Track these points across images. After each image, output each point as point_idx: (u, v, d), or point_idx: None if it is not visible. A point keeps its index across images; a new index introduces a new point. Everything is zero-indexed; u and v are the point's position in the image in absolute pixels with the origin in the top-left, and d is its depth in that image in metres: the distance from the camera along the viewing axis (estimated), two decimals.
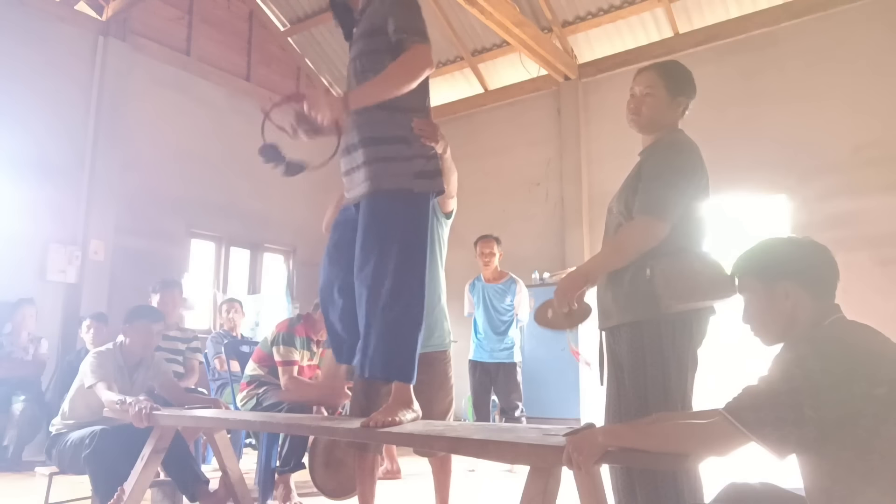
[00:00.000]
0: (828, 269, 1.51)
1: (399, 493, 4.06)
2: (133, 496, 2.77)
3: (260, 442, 3.87)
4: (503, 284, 5.02)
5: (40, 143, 5.96)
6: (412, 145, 2.14)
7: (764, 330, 1.54)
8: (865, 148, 5.74)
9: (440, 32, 7.81)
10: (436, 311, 2.82)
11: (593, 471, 1.57)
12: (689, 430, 1.48)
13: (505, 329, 4.96)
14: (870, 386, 1.28)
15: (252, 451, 5.20)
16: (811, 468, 1.38)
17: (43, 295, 5.71)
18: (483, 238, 5.09)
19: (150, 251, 6.63)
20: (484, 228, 5.49)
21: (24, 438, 4.84)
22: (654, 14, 6.89)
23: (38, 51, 6.04)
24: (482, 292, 5.04)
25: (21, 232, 5.76)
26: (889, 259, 5.55)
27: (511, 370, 4.92)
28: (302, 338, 3.75)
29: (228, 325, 5.47)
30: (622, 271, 2.05)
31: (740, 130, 6.27)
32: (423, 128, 2.16)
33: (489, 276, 5.06)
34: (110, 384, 3.05)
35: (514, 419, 4.83)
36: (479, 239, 5.12)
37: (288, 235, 8.09)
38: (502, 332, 4.95)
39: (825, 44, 6.02)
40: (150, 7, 6.94)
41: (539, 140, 7.74)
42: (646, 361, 1.96)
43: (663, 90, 2.14)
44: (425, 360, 2.72)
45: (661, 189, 1.99)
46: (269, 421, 2.79)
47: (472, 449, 1.82)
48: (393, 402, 2.15)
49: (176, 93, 7.14)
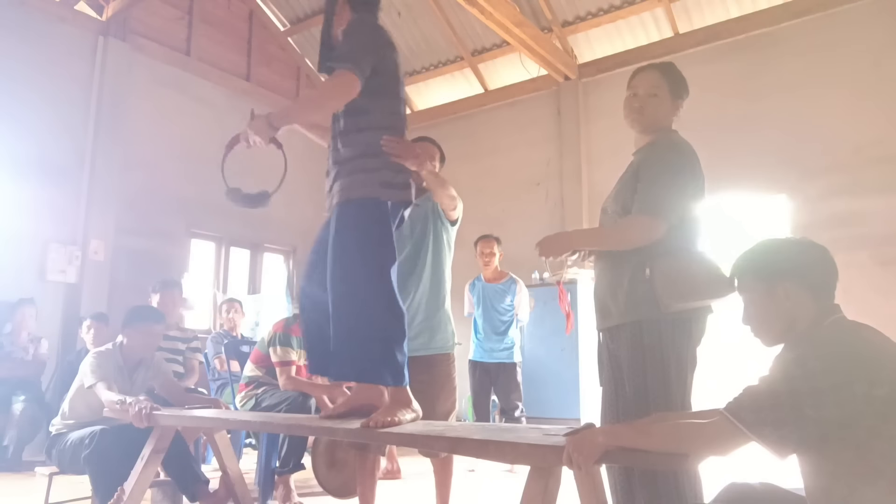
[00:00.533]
0: (827, 269, 1.51)
1: (399, 493, 4.06)
2: (133, 496, 2.77)
3: (260, 442, 3.87)
4: (503, 284, 5.02)
5: (40, 143, 5.96)
6: (379, 158, 2.22)
7: (764, 331, 1.54)
8: (866, 148, 5.74)
9: (440, 32, 7.82)
10: (439, 314, 2.85)
11: (593, 471, 1.57)
12: (690, 430, 1.48)
13: (505, 329, 4.95)
14: (870, 386, 1.28)
15: (252, 451, 5.20)
16: (811, 468, 1.38)
17: (43, 295, 5.71)
18: (483, 238, 5.10)
19: (150, 251, 6.63)
20: (484, 228, 5.49)
21: (24, 438, 4.84)
22: (654, 14, 6.88)
23: (38, 51, 6.04)
24: (482, 292, 5.04)
25: (21, 232, 5.76)
26: (890, 259, 5.54)
27: (511, 370, 4.91)
28: (298, 337, 3.75)
29: (228, 325, 5.47)
30: (620, 272, 2.05)
31: (740, 130, 6.27)
32: (393, 145, 2.22)
33: (489, 276, 5.06)
34: (110, 384, 3.04)
35: (514, 419, 4.82)
36: (479, 239, 5.12)
37: (288, 235, 8.09)
38: (502, 332, 4.95)
39: (825, 44, 6.01)
40: (150, 7, 6.94)
41: (539, 140, 7.74)
42: (646, 361, 1.97)
43: (667, 92, 2.16)
44: (427, 363, 2.75)
45: (661, 190, 2.00)
46: (269, 421, 2.79)
47: (472, 449, 1.82)
48: (392, 403, 2.18)
49: (176, 93, 7.14)
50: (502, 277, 5.05)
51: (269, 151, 2.26)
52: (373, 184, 2.19)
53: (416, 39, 8.03)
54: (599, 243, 2.17)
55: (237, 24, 8.02)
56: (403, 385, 2.18)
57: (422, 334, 2.80)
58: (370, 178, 2.19)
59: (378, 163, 2.21)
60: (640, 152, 2.17)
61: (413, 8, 7.57)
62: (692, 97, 2.25)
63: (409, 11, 7.72)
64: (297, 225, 7.96)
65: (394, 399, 2.18)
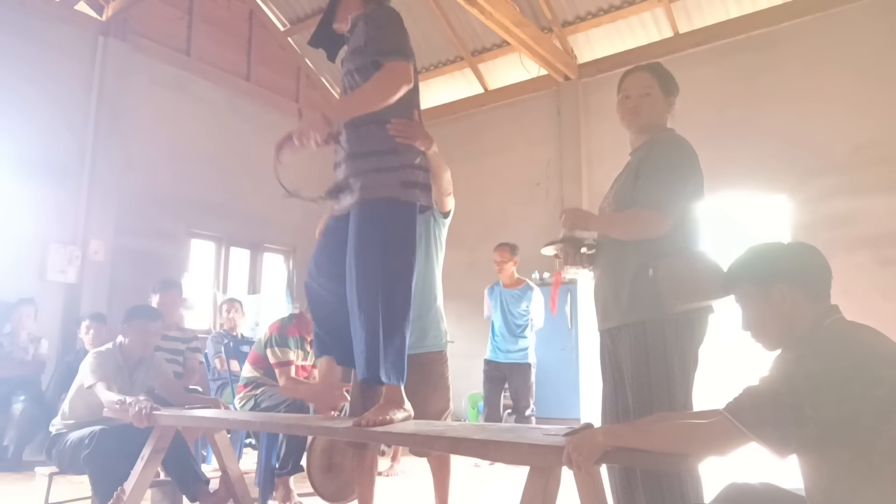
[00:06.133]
0: (820, 268, 1.51)
1: (399, 493, 4.06)
2: (133, 496, 2.77)
3: (260, 442, 3.87)
4: (520, 291, 5.25)
5: (40, 143, 5.96)
6: (398, 156, 2.22)
7: (764, 335, 1.54)
8: (866, 148, 5.74)
9: (440, 32, 7.82)
10: (430, 312, 2.81)
11: (593, 471, 1.57)
12: (690, 431, 1.48)
13: (520, 332, 5.18)
14: (870, 386, 1.28)
15: (252, 451, 5.20)
16: (811, 468, 1.38)
17: (43, 295, 5.71)
18: (498, 246, 5.33)
19: (150, 251, 6.63)
20: (484, 228, 5.51)
21: (24, 438, 4.83)
22: (654, 14, 6.89)
23: (38, 51, 6.04)
24: (500, 297, 5.29)
25: (21, 232, 5.76)
26: (889, 259, 5.54)
27: (525, 371, 5.14)
28: (295, 337, 3.74)
29: (228, 324, 5.47)
30: (622, 272, 2.06)
31: (740, 130, 6.27)
32: (401, 127, 2.21)
33: (507, 282, 5.30)
34: (110, 384, 3.04)
35: (525, 419, 5.07)
36: (496, 246, 5.34)
37: (288, 235, 8.08)
38: (518, 334, 5.18)
39: (825, 44, 6.01)
40: (150, 7, 6.94)
41: (539, 140, 7.74)
42: (648, 361, 1.97)
43: (659, 91, 2.18)
44: (419, 361, 2.72)
45: (662, 187, 2.01)
46: (269, 421, 2.79)
47: (472, 449, 1.82)
48: (385, 402, 2.20)
49: (176, 93, 7.14)
50: (519, 284, 5.29)
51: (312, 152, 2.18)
52: (393, 184, 2.19)
53: (416, 39, 7.90)
54: (606, 229, 2.18)
55: (237, 24, 8.02)
56: (401, 384, 2.21)
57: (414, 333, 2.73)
58: (390, 178, 2.19)
59: (397, 161, 2.21)
60: (639, 151, 2.18)
61: (413, 8, 7.57)
62: (692, 97, 2.27)
63: (409, 11, 7.71)
64: (297, 225, 7.95)
65: (387, 398, 2.20)
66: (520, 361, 5.15)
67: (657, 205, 1.99)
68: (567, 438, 1.57)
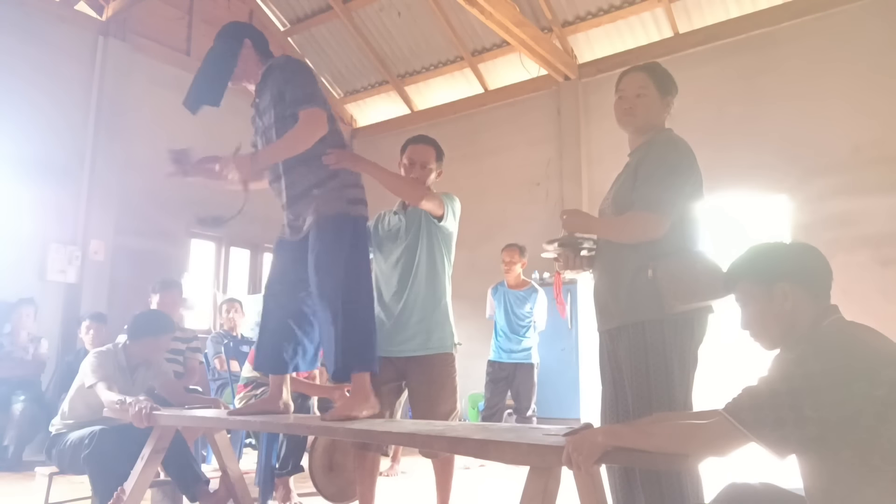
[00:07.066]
0: (821, 268, 1.51)
1: (399, 493, 4.06)
2: (133, 496, 2.77)
3: (260, 442, 3.87)
4: (524, 292, 5.24)
5: (41, 143, 5.96)
6: (339, 178, 2.50)
7: (765, 334, 1.54)
8: (866, 148, 5.74)
9: (440, 32, 7.81)
10: (435, 313, 2.77)
11: (593, 471, 1.57)
12: (689, 431, 1.48)
13: (524, 332, 5.18)
14: (870, 386, 1.28)
15: (252, 451, 5.20)
16: (811, 468, 1.38)
17: (43, 295, 5.71)
18: (507, 246, 5.32)
19: (150, 251, 6.63)
20: (484, 228, 5.51)
21: (24, 438, 4.84)
22: (654, 14, 6.88)
23: (38, 50, 6.04)
24: (504, 297, 5.27)
25: (21, 232, 5.76)
26: (889, 259, 5.54)
27: (528, 371, 5.14)
28: None
29: (228, 325, 5.47)
30: (622, 273, 2.05)
31: (740, 130, 6.27)
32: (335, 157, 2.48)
33: (512, 283, 5.29)
34: (110, 384, 3.04)
35: (526, 419, 5.06)
36: (505, 247, 5.33)
37: None
38: (521, 334, 5.18)
39: (825, 44, 6.01)
40: (150, 7, 6.94)
41: (539, 140, 7.73)
42: (648, 362, 1.97)
43: (655, 90, 2.17)
44: (425, 363, 2.71)
45: (660, 188, 2.00)
46: (269, 421, 2.79)
47: (472, 449, 1.82)
48: (351, 398, 2.39)
49: (176, 93, 7.02)
50: (524, 286, 5.28)
51: None
52: (342, 201, 2.47)
53: (416, 39, 8.03)
54: (605, 232, 2.18)
55: None
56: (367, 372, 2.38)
57: (418, 335, 2.73)
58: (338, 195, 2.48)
59: (340, 182, 2.50)
60: (637, 152, 2.18)
61: (413, 8, 7.57)
62: (692, 97, 2.27)
63: (409, 11, 7.72)
64: None
65: (355, 390, 2.37)
66: (523, 361, 5.15)
67: (655, 206, 1.99)
68: (567, 438, 1.57)
